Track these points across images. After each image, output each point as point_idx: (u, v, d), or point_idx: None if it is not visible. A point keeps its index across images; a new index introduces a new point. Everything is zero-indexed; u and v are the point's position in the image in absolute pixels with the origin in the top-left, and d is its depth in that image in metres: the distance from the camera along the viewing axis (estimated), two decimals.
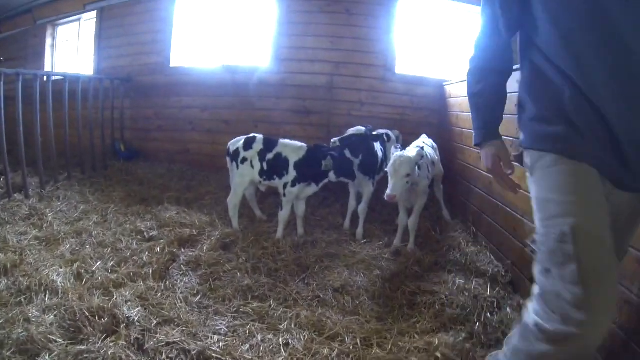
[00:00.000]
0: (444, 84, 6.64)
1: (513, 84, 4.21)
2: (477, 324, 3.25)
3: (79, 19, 8.93)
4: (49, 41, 9.22)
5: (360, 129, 5.05)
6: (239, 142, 4.97)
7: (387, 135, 5.71)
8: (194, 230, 4.72)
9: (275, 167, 4.75)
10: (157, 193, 6.02)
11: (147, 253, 4.13)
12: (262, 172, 4.81)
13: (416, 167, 4.21)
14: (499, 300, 3.55)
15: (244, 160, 4.85)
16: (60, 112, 6.25)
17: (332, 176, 4.68)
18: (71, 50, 9.23)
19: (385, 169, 5.29)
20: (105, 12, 8.07)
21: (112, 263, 3.90)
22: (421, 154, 4.29)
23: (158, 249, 4.20)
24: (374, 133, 5.18)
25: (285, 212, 4.77)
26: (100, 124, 7.20)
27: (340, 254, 4.44)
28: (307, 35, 6.94)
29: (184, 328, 3.01)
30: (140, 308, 3.16)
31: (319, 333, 3.11)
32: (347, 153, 4.71)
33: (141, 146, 7.79)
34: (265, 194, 5.56)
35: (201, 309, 3.34)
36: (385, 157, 5.33)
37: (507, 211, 4.12)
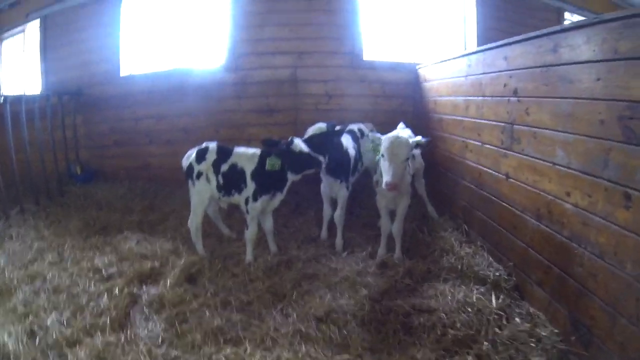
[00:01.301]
0: (418, 67, 6.13)
1: (499, 62, 3.77)
2: (485, 343, 2.83)
3: (22, 31, 8.17)
4: None
5: (321, 126, 4.46)
6: (191, 155, 4.38)
7: (360, 130, 5.12)
8: (156, 262, 4.20)
9: (231, 180, 4.19)
10: (118, 217, 5.47)
11: (105, 296, 3.65)
12: (219, 187, 4.24)
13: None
14: (505, 310, 3.14)
15: (199, 174, 4.28)
16: (4, 139, 5.60)
17: (291, 176, 4.08)
18: (18, 67, 8.41)
19: (360, 167, 4.79)
20: (49, 21, 7.34)
21: (67, 313, 3.43)
22: (415, 140, 3.83)
23: (116, 290, 3.72)
24: (339, 128, 4.53)
25: (252, 231, 4.22)
26: (51, 147, 6.50)
27: (320, 273, 3.94)
28: (265, 25, 6.32)
29: None
30: None
31: None
32: (302, 144, 4.01)
33: (99, 165, 7.14)
34: (231, 208, 4.95)
35: None
36: (360, 154, 4.77)
37: (502, 206, 3.66)
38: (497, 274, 3.55)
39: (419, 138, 3.87)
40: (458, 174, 4.66)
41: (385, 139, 3.69)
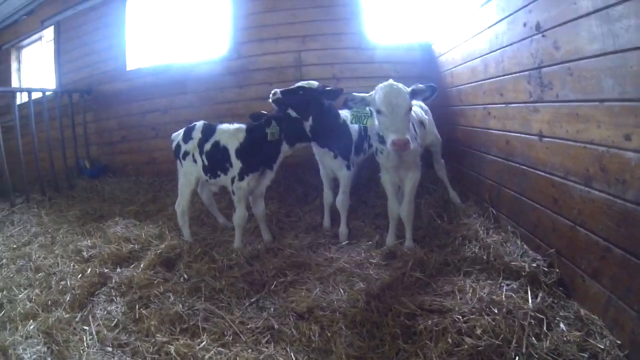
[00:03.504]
0: (432, 43, 5.35)
1: (515, 0, 2.87)
2: (517, 357, 1.97)
3: (40, 38, 8.16)
4: (14, 65, 8.51)
5: (313, 83, 3.65)
6: (179, 134, 3.96)
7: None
8: (137, 246, 3.75)
9: (215, 159, 3.64)
10: (118, 208, 5.10)
11: (79, 276, 3.28)
12: (205, 169, 3.72)
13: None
14: (546, 312, 2.25)
15: (186, 154, 3.84)
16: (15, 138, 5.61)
17: (285, 148, 3.51)
18: (36, 71, 8.38)
19: (367, 148, 3.97)
20: (62, 26, 7.27)
21: (37, 290, 3.17)
22: (412, 88, 3.03)
23: (89, 271, 3.32)
24: (331, 88, 3.62)
25: (239, 215, 3.61)
26: (60, 143, 6.37)
27: (311, 262, 3.18)
28: (267, 11, 5.73)
29: None
30: (41, 347, 2.42)
31: None
32: (292, 113, 3.47)
33: (109, 161, 6.79)
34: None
35: (115, 348, 2.39)
36: (366, 133, 3.93)
37: (538, 176, 2.79)
38: (535, 264, 2.64)
39: (416, 85, 3.06)
40: (482, 149, 3.82)
41: (378, 89, 2.96)
